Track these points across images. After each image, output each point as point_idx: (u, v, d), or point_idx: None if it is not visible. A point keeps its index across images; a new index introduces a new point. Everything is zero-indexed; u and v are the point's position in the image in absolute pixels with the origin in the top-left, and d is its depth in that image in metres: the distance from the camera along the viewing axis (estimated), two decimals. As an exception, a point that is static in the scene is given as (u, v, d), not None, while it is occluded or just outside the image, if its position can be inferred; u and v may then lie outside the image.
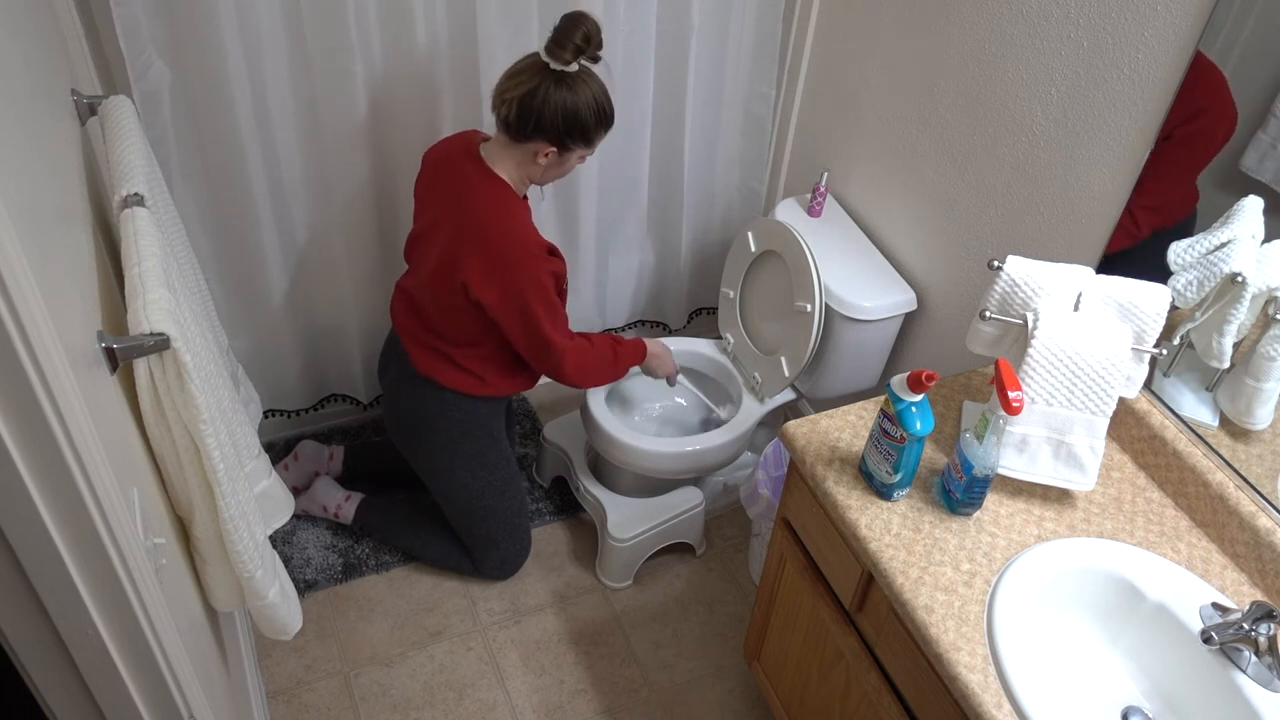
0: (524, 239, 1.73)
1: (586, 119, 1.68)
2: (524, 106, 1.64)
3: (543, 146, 1.69)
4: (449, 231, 1.77)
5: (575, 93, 1.64)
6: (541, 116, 1.64)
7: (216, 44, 1.76)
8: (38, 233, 0.88)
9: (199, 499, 1.20)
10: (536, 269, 1.73)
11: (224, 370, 1.47)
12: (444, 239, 1.78)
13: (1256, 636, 1.21)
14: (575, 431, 2.34)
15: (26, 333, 0.73)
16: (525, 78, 1.64)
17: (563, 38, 1.60)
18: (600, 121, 1.71)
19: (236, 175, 1.94)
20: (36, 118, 1.07)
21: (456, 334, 1.84)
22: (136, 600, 0.95)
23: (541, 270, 1.73)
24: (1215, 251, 1.38)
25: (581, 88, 1.65)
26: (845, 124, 2.20)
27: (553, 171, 1.77)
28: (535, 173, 1.76)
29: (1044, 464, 1.45)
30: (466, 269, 1.73)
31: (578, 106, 1.65)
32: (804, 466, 1.52)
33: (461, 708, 2.01)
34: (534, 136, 1.68)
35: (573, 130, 1.68)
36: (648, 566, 2.29)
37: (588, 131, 1.70)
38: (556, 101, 1.63)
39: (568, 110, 1.64)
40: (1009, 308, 1.46)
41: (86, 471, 0.83)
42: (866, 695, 1.50)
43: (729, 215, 2.59)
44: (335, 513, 2.24)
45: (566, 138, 1.69)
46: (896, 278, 2.07)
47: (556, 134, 1.67)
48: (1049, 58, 1.62)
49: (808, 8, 2.21)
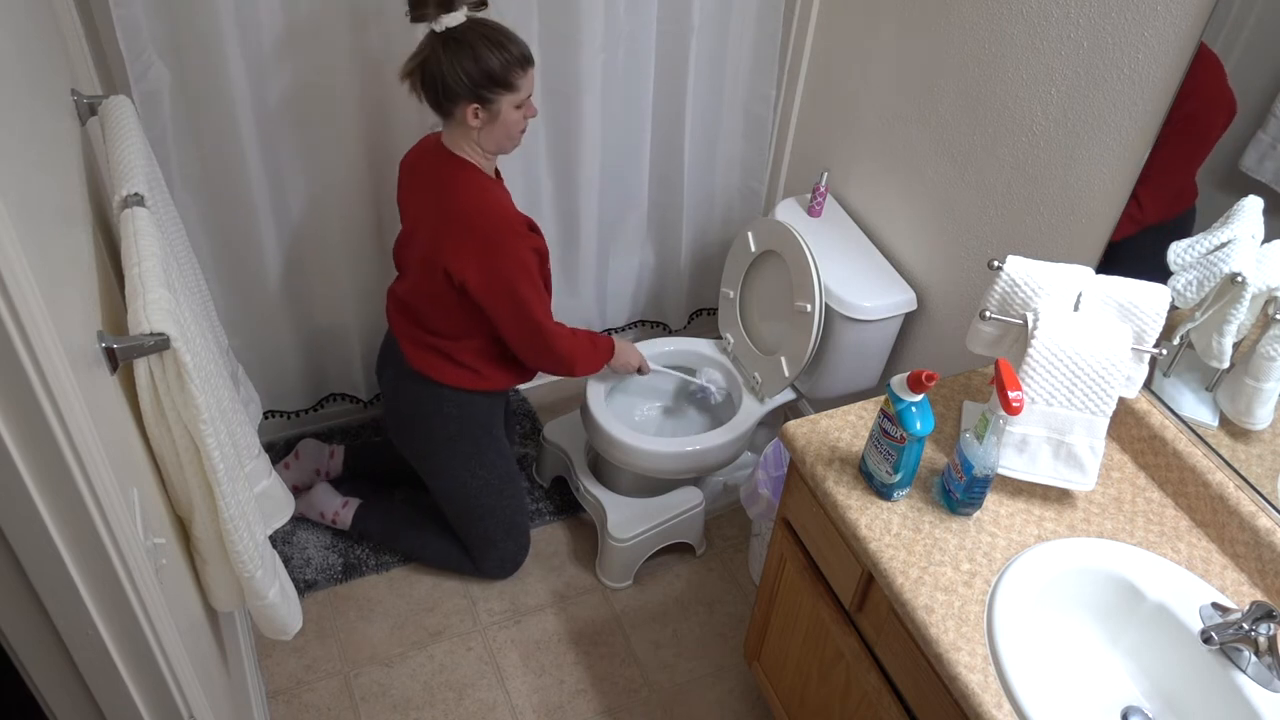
0: (499, 214, 1.72)
1: (491, 66, 1.61)
2: (425, 76, 1.64)
3: (465, 107, 1.65)
4: (429, 224, 1.77)
5: (469, 45, 1.60)
6: (445, 80, 1.62)
7: (216, 44, 1.76)
8: (38, 233, 0.88)
9: (199, 499, 1.20)
10: (516, 245, 1.72)
11: (224, 370, 1.47)
12: (425, 233, 1.78)
13: (1256, 636, 1.21)
14: (575, 431, 2.34)
15: (26, 333, 0.73)
16: (419, 49, 1.64)
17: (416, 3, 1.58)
18: (510, 64, 1.63)
19: (236, 175, 1.94)
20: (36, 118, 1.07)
21: (447, 327, 1.85)
22: (136, 600, 0.95)
23: (522, 247, 1.72)
24: (1215, 251, 1.38)
25: (475, 38, 1.61)
26: (845, 124, 2.20)
27: (496, 130, 1.70)
28: (478, 137, 1.71)
29: (1044, 464, 1.45)
30: (446, 252, 1.73)
31: (476, 57, 1.60)
32: (804, 466, 1.52)
33: (461, 708, 2.01)
34: (452, 102, 1.65)
35: (482, 81, 1.62)
36: (648, 566, 2.29)
37: (498, 77, 1.63)
38: (451, 60, 1.60)
39: (467, 65, 1.60)
40: (1009, 308, 1.46)
41: (86, 471, 0.83)
42: (866, 695, 1.50)
43: (729, 215, 2.59)
44: (333, 519, 2.24)
45: (481, 90, 1.63)
46: (896, 278, 2.07)
47: (469, 90, 1.63)
48: (1049, 58, 1.62)
49: (808, 8, 2.21)
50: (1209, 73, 1.38)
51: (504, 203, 1.76)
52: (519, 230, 1.73)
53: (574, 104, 2.15)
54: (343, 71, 1.90)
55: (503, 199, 1.77)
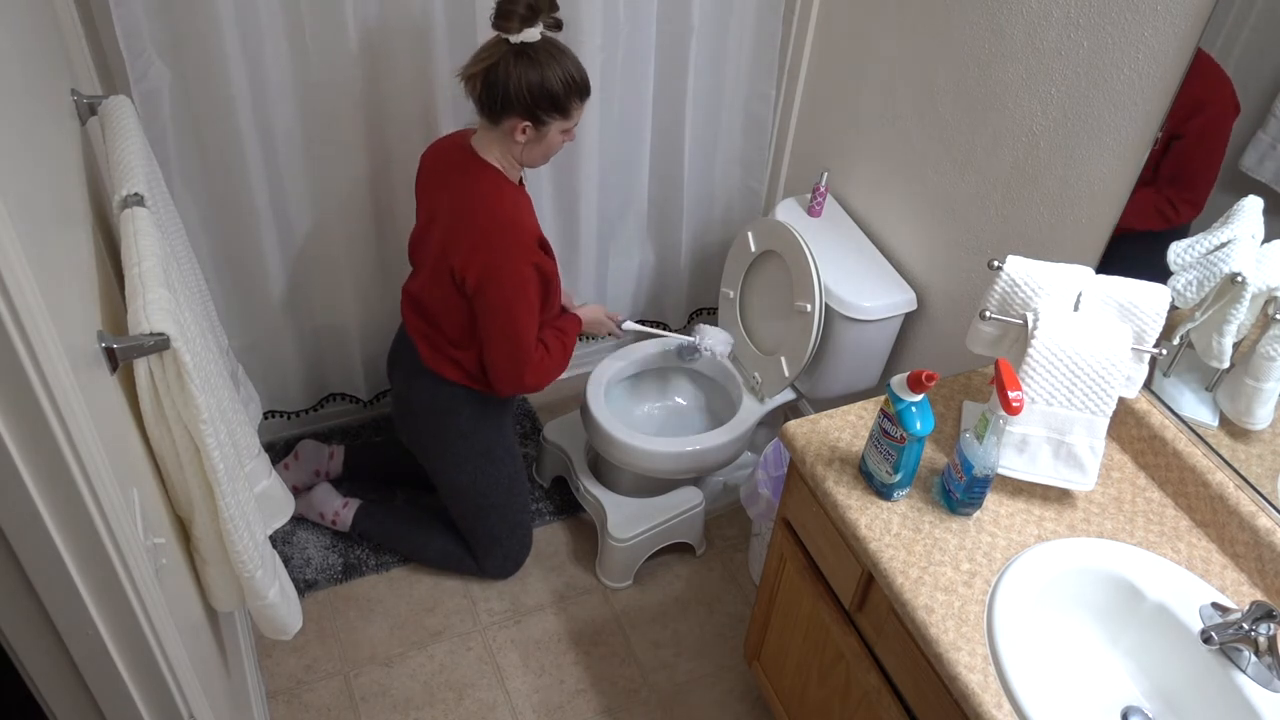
0: (513, 219, 1.71)
1: (555, 89, 1.63)
2: (488, 82, 1.63)
3: (518, 122, 1.66)
4: (444, 222, 1.76)
5: (539, 64, 1.61)
6: (508, 91, 1.62)
7: (216, 44, 1.76)
8: (38, 233, 0.88)
9: (199, 499, 1.20)
10: (520, 257, 1.70)
11: (224, 370, 1.47)
12: (440, 231, 1.77)
13: (1256, 636, 1.21)
14: (575, 431, 2.34)
15: (26, 333, 0.73)
16: (487, 53, 1.63)
17: (505, 6, 1.58)
18: (571, 90, 1.66)
19: (236, 175, 1.94)
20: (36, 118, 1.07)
21: (457, 334, 1.84)
22: (136, 600, 0.95)
23: (525, 260, 1.71)
24: (1215, 251, 1.38)
25: (545, 58, 1.62)
26: (845, 124, 2.20)
27: (536, 149, 1.73)
28: (518, 151, 1.72)
29: (1044, 464, 1.45)
30: (455, 251, 1.72)
31: (544, 77, 1.62)
32: (804, 466, 1.52)
33: (461, 708, 2.01)
34: (506, 113, 1.65)
35: (542, 102, 1.64)
36: (648, 566, 2.29)
37: (559, 101, 1.66)
38: (519, 73, 1.61)
39: (533, 82, 1.62)
40: (1009, 308, 1.46)
41: (86, 471, 0.83)
42: (866, 695, 1.50)
43: (729, 215, 2.59)
44: (333, 520, 2.24)
45: (538, 110, 1.65)
46: (896, 278, 2.07)
47: (526, 107, 1.64)
48: (1049, 58, 1.62)
49: (808, 8, 2.21)
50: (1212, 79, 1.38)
51: (522, 211, 1.75)
52: (528, 243, 1.72)
53: (574, 104, 2.15)
54: (343, 71, 1.90)
55: (522, 207, 1.76)
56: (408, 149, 2.06)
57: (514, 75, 1.61)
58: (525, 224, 1.73)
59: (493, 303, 1.74)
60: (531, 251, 1.72)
